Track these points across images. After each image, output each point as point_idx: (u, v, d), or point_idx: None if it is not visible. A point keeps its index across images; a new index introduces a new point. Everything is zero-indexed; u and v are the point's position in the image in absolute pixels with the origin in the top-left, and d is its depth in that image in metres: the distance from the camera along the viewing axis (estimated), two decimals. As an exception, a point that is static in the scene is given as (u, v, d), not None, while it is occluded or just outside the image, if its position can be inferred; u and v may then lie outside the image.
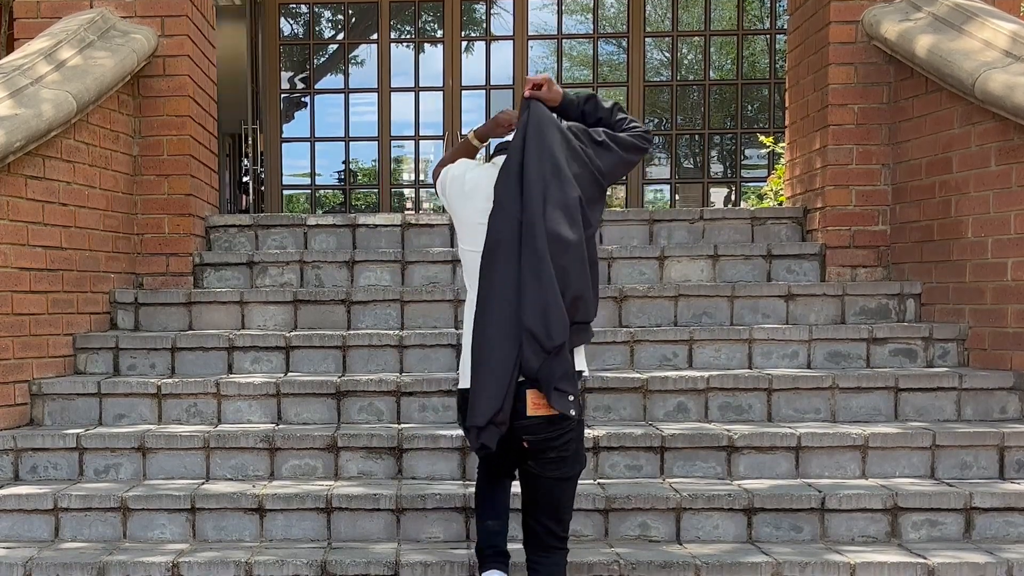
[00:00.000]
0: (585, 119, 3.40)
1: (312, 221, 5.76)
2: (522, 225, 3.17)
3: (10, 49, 5.94)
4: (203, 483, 4.18)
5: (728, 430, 4.24)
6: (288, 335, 4.89)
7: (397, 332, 4.93)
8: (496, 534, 3.52)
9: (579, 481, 3.45)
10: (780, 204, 6.80)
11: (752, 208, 6.24)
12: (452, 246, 5.63)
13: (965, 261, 4.68)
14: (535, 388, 3.16)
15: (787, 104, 6.01)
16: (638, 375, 4.57)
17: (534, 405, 3.18)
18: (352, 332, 4.96)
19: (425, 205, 11.44)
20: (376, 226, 5.74)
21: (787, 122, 6.02)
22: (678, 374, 4.59)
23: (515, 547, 3.54)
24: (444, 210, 10.61)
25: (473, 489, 3.77)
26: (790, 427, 4.30)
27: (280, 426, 4.46)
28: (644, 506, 3.92)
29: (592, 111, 3.40)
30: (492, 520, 3.54)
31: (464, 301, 5.03)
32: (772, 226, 5.65)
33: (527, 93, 3.34)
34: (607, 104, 3.44)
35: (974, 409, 4.46)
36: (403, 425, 4.47)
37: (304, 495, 3.96)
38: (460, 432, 4.21)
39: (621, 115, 3.41)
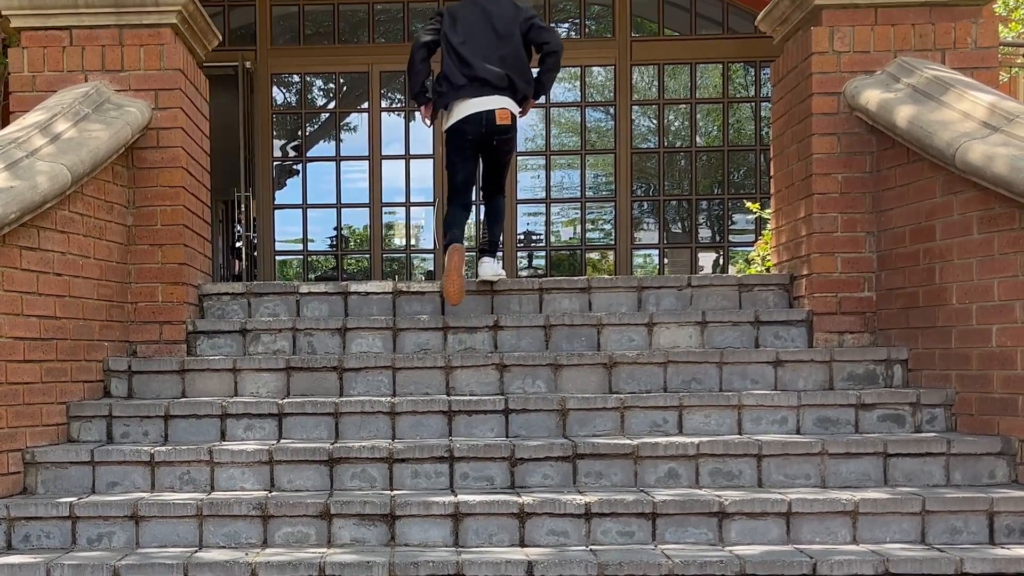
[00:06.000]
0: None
1: (304, 289, 5.81)
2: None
3: (5, 121, 6.02)
4: (196, 551, 4.18)
5: (719, 496, 4.26)
6: (281, 402, 4.92)
7: (389, 399, 4.97)
8: (459, 235, 5.83)
9: (570, 548, 4.17)
10: (768, 269, 6.88)
11: (739, 275, 6.31)
12: (443, 313, 5.68)
13: (950, 327, 4.74)
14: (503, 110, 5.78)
15: (772, 172, 6.11)
16: (629, 441, 4.60)
17: (501, 118, 5.75)
18: (344, 399, 4.99)
19: (417, 271, 11.50)
20: (367, 294, 5.79)
21: (772, 190, 6.12)
22: (668, 440, 4.62)
23: None
24: (434, 277, 10.66)
25: (465, 556, 4.01)
26: (781, 493, 4.33)
27: (273, 493, 4.47)
28: (636, 572, 3.92)
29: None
30: (456, 229, 5.85)
31: (455, 367, 5.10)
32: (759, 292, 5.72)
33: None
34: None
35: (963, 474, 4.50)
36: (395, 492, 4.48)
37: (297, 563, 3.96)
38: (452, 498, 4.24)
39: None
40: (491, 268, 5.78)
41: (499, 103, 5.78)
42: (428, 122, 6.19)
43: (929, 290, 4.86)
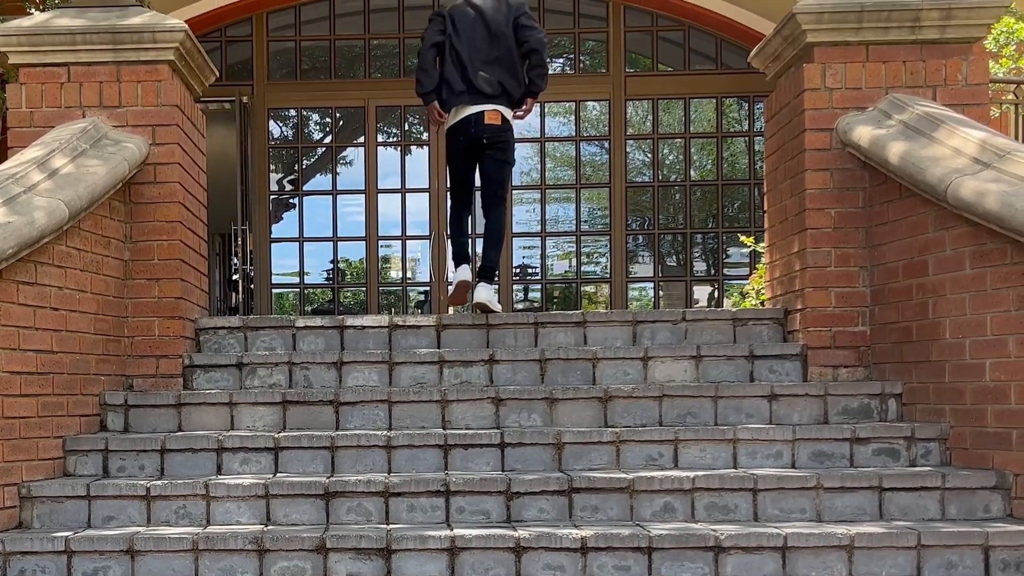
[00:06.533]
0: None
1: (300, 323, 5.83)
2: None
3: (3, 156, 6.05)
4: (191, 587, 4.18)
5: (715, 530, 4.27)
6: (277, 436, 4.93)
7: (385, 432, 4.97)
8: (465, 246, 6.41)
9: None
10: (762, 303, 6.91)
11: (733, 309, 6.34)
12: (439, 347, 5.70)
13: (944, 362, 4.76)
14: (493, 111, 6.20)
15: (766, 207, 6.15)
16: (624, 475, 4.61)
17: (489, 118, 6.17)
18: (340, 433, 5.00)
19: (413, 304, 11.53)
20: (363, 327, 5.81)
21: (766, 225, 6.15)
22: (664, 474, 4.63)
23: None
24: (431, 311, 10.70)
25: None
26: (776, 527, 4.33)
27: (269, 527, 4.47)
28: (632, 608, 3.93)
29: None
30: (463, 238, 6.43)
31: (450, 401, 5.11)
32: (754, 327, 5.75)
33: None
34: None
35: (958, 508, 4.51)
36: (392, 526, 4.48)
37: (292, 599, 3.96)
38: (448, 532, 4.24)
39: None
40: (486, 293, 5.99)
41: (491, 107, 6.21)
42: (439, 118, 6.46)
43: (922, 325, 4.89)
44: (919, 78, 5.29)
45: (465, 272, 6.24)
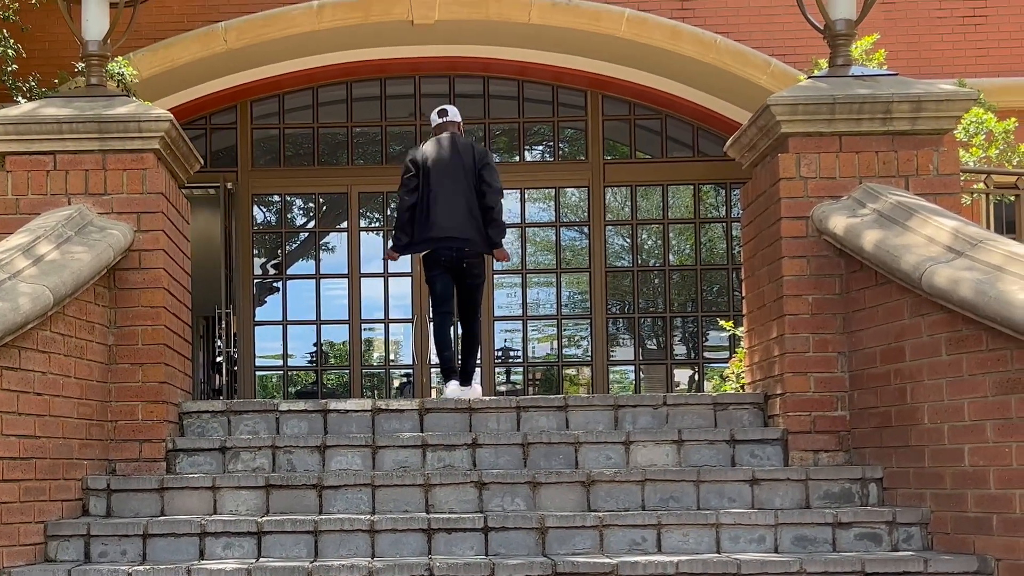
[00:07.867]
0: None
1: (284, 407, 5.84)
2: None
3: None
4: (172, 675, 4.13)
5: (698, 616, 4.27)
6: (260, 520, 4.91)
7: (368, 516, 4.96)
8: (451, 359, 7.12)
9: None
10: (742, 387, 6.97)
11: (714, 393, 6.40)
12: (421, 431, 5.72)
13: (923, 447, 4.81)
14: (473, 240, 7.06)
15: (744, 293, 6.23)
16: (608, 559, 4.61)
17: (470, 246, 6.91)
18: (324, 516, 4.99)
19: (395, 385, 11.56)
20: (347, 411, 5.82)
21: (745, 310, 6.23)
22: (648, 559, 4.63)
23: None
24: (413, 394, 10.70)
25: None
26: (759, 612, 4.34)
27: (250, 615, 4.44)
28: None
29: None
30: (448, 352, 7.13)
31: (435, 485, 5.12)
32: (734, 411, 5.79)
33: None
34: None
35: (940, 593, 4.52)
36: (374, 613, 4.46)
37: None
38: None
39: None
40: (456, 391, 6.90)
41: (468, 238, 7.00)
42: (392, 259, 7.61)
43: (901, 410, 4.94)
44: (891, 168, 5.40)
45: (455, 389, 6.93)
